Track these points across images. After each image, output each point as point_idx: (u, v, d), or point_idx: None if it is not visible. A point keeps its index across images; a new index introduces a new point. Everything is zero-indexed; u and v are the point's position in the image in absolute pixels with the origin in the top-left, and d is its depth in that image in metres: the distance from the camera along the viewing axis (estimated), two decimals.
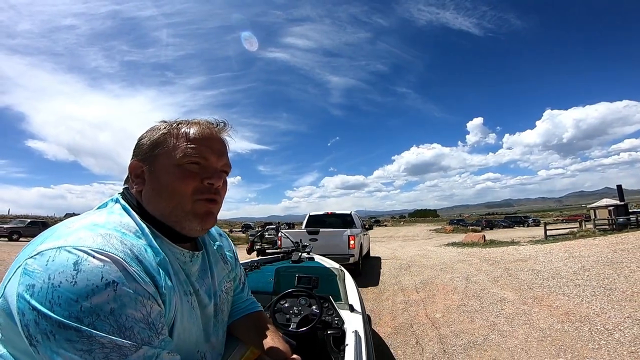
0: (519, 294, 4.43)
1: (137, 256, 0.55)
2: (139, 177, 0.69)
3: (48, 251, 0.50)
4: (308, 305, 1.42)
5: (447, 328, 3.40)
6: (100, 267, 0.49)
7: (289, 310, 1.39)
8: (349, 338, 1.26)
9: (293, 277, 1.59)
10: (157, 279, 0.57)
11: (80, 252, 0.49)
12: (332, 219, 8.05)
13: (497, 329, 3.28)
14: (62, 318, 0.45)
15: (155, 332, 0.52)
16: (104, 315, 0.47)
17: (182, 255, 0.69)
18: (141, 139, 0.71)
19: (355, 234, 6.39)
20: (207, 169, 0.68)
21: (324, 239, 6.35)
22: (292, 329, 1.29)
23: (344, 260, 5.76)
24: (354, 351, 1.15)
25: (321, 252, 3.69)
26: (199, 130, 0.70)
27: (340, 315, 1.45)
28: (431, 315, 3.85)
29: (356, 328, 1.34)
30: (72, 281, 0.47)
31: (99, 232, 0.55)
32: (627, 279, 4.53)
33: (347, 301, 1.67)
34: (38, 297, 0.46)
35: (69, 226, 0.57)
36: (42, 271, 0.48)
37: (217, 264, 0.82)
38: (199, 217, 0.66)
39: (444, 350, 2.89)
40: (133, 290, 0.50)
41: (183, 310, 0.64)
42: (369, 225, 10.66)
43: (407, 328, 3.48)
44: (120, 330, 0.47)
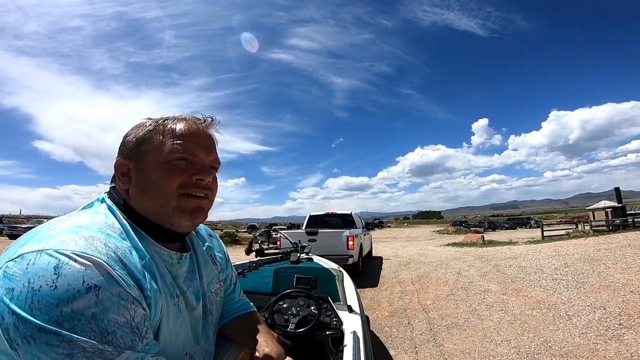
0: (501, 286, 5.03)
1: (121, 259, 0.54)
2: (125, 175, 0.67)
3: (28, 254, 0.49)
4: (307, 306, 1.42)
5: (435, 312, 4.03)
6: (82, 271, 0.48)
7: (288, 311, 1.40)
8: (348, 339, 1.27)
9: (292, 278, 1.61)
10: (142, 282, 0.56)
11: (62, 256, 0.48)
12: (332, 219, 8.05)
13: (477, 313, 3.90)
14: (42, 322, 0.44)
15: (139, 336, 0.51)
16: (85, 319, 0.46)
17: (169, 257, 0.68)
18: (127, 136, 0.69)
19: (354, 234, 6.37)
20: (195, 165, 0.67)
21: (323, 239, 6.30)
22: (291, 330, 1.30)
23: (342, 261, 5.71)
24: (353, 352, 1.16)
25: (320, 253, 3.77)
26: (186, 126, 0.68)
27: (339, 316, 1.45)
28: (423, 302, 4.49)
29: (355, 329, 1.35)
30: (52, 285, 0.46)
31: (82, 235, 0.53)
32: (599, 275, 5.10)
33: (346, 302, 1.69)
34: (17, 301, 0.45)
35: (51, 228, 0.55)
36: (21, 275, 0.47)
37: (206, 265, 0.81)
38: (187, 212, 0.65)
39: (430, 329, 3.51)
40: (116, 295, 0.50)
41: (169, 313, 0.63)
42: (376, 224, 10.94)
43: (402, 312, 4.12)
44: (102, 335, 0.47)
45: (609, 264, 5.75)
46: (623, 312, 3.47)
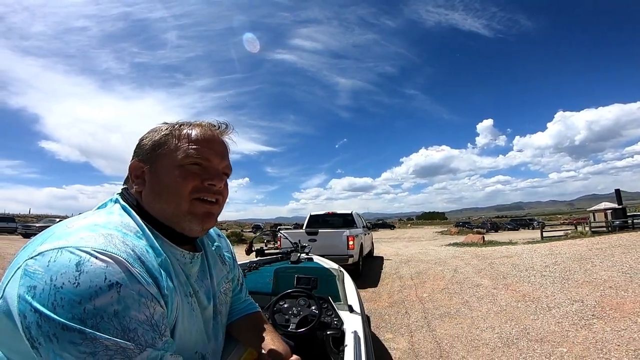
0: (493, 281, 5.46)
1: (139, 257, 0.55)
2: (139, 177, 0.68)
3: (49, 252, 0.49)
4: (307, 305, 1.42)
5: (430, 303, 4.48)
6: (103, 268, 0.48)
7: (288, 311, 1.40)
8: (348, 339, 1.27)
9: (292, 278, 1.61)
10: (159, 280, 0.56)
11: (83, 253, 0.48)
12: (333, 219, 8.04)
13: (468, 304, 4.33)
14: (65, 320, 0.44)
15: (158, 334, 0.51)
16: (108, 317, 0.46)
17: (182, 256, 0.68)
18: (142, 140, 0.70)
19: (354, 234, 6.38)
20: (208, 170, 0.68)
21: (323, 239, 6.29)
22: (292, 330, 1.30)
23: (343, 261, 5.73)
24: (353, 352, 1.16)
25: (320, 253, 3.80)
26: (201, 131, 0.70)
27: (340, 316, 1.45)
28: (420, 295, 4.95)
29: (355, 329, 1.35)
30: (74, 282, 0.46)
31: (101, 232, 0.54)
32: (584, 272, 5.50)
33: (346, 302, 1.69)
34: (40, 298, 0.45)
35: (69, 226, 0.55)
36: (43, 272, 0.47)
37: (215, 265, 0.82)
38: (198, 217, 0.66)
39: (425, 317, 3.96)
40: (136, 292, 0.50)
41: (184, 312, 0.64)
42: (388, 225, 11.01)
43: (400, 303, 4.58)
44: (124, 333, 0.47)
45: (596, 263, 6.15)
46: (598, 305, 3.88)
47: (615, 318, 3.43)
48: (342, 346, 1.24)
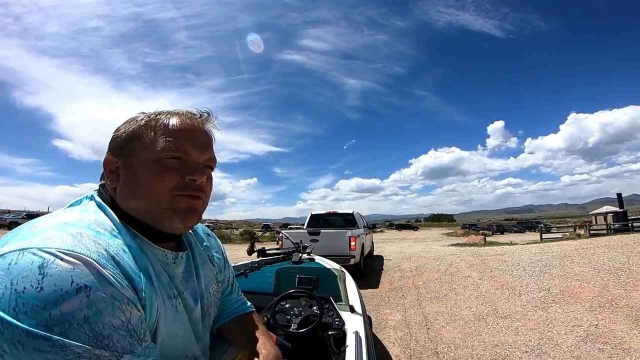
0: (481, 274, 6.33)
1: (113, 257, 0.51)
2: (114, 172, 0.63)
3: (10, 254, 0.45)
4: (309, 306, 1.42)
5: (423, 289, 5.41)
6: (69, 270, 0.44)
7: (290, 311, 1.40)
8: (350, 339, 1.27)
9: (294, 278, 1.60)
10: (137, 281, 0.52)
11: (47, 254, 0.45)
12: (334, 219, 8.09)
13: (455, 291, 5.23)
14: (29, 327, 0.41)
15: (137, 340, 0.48)
16: (77, 323, 0.43)
17: (164, 256, 0.64)
18: (117, 131, 0.65)
19: (356, 234, 6.42)
20: (188, 164, 0.63)
21: (325, 239, 6.31)
22: (293, 330, 1.30)
23: (344, 261, 5.78)
24: (355, 352, 1.16)
25: (322, 253, 3.83)
26: (180, 121, 0.64)
27: (341, 316, 1.45)
28: (416, 283, 5.90)
29: (357, 329, 1.35)
30: (37, 287, 0.42)
31: (69, 232, 0.50)
32: (562, 267, 6.33)
33: (348, 302, 1.69)
34: (1, 304, 0.42)
35: (35, 225, 0.51)
36: (3, 275, 0.43)
37: (204, 266, 0.78)
38: (180, 213, 0.61)
39: (418, 299, 4.88)
40: (109, 295, 0.46)
41: (167, 315, 0.60)
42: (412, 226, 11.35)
43: (398, 289, 5.52)
44: (97, 339, 0.44)
45: (575, 260, 6.95)
46: (560, 293, 4.73)
47: (569, 303, 4.29)
48: (344, 346, 1.25)
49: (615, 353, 2.81)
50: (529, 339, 3.25)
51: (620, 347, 2.91)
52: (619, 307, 3.96)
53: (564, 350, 2.95)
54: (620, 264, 6.22)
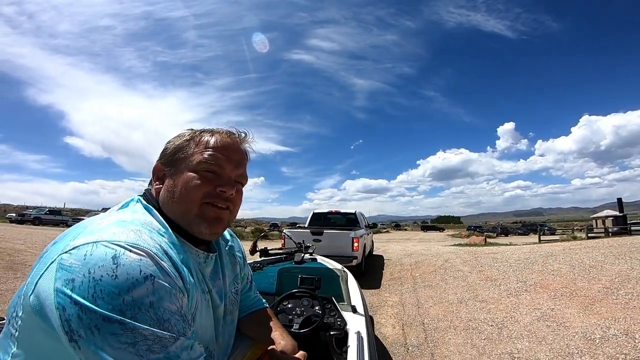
0: (471, 268, 7.23)
1: (165, 252, 0.58)
2: (160, 179, 0.72)
3: (84, 246, 0.51)
4: (311, 306, 1.43)
5: (419, 279, 6.37)
6: (137, 261, 0.51)
7: (292, 311, 1.41)
8: (352, 339, 1.28)
9: (296, 278, 1.62)
10: (183, 274, 0.59)
11: (117, 247, 0.51)
12: (336, 218, 8.20)
13: (445, 281, 6.17)
14: (106, 311, 0.46)
15: (188, 324, 0.54)
16: (145, 308, 0.48)
17: (197, 255, 0.71)
18: (167, 144, 0.75)
19: (359, 235, 6.57)
20: (221, 177, 0.71)
21: (328, 239, 6.41)
22: (295, 330, 1.30)
23: (347, 261, 5.86)
24: (356, 352, 1.17)
25: (324, 253, 3.89)
26: (220, 138, 0.73)
27: (343, 317, 1.46)
28: (413, 274, 6.87)
29: (359, 329, 1.36)
30: (112, 275, 0.48)
31: (130, 228, 0.57)
32: (543, 264, 7.17)
33: (350, 302, 1.70)
34: (80, 291, 0.47)
35: (99, 222, 0.58)
36: (80, 265, 0.48)
37: (228, 266, 0.85)
38: (207, 221, 0.69)
39: (413, 286, 5.85)
40: (168, 284, 0.53)
41: (202, 307, 0.67)
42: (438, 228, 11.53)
43: (398, 279, 6.51)
44: (160, 322, 0.49)
45: (558, 258, 7.78)
46: (534, 284, 5.61)
47: (538, 292, 5.17)
48: (345, 347, 1.26)
49: (557, 328, 3.69)
50: (496, 317, 4.17)
51: (563, 325, 3.80)
52: (577, 296, 4.83)
53: (521, 325, 3.86)
54: (595, 262, 7.04)
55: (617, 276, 5.54)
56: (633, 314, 3.82)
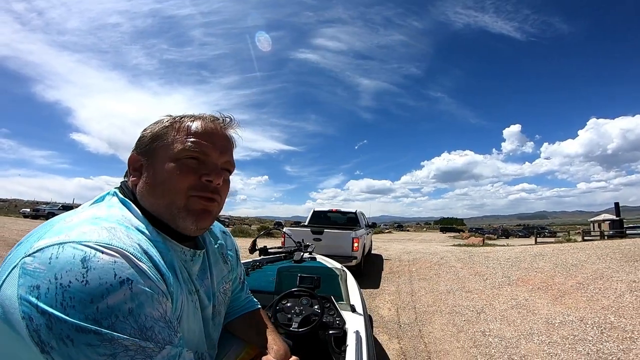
0: (464, 265, 7.95)
1: (145, 251, 0.53)
2: (137, 170, 0.66)
3: (49, 248, 0.45)
4: (310, 305, 1.42)
5: (415, 273, 7.13)
6: (111, 263, 0.45)
7: (291, 310, 1.40)
8: (350, 339, 1.28)
9: (295, 277, 1.61)
10: (166, 275, 0.54)
11: (87, 248, 0.46)
12: (336, 216, 8.23)
13: (439, 275, 6.91)
14: (79, 321, 0.41)
15: (174, 331, 0.50)
16: (123, 316, 0.44)
17: (182, 253, 0.66)
18: (144, 132, 0.68)
19: (359, 235, 6.60)
20: (206, 165, 0.65)
21: (328, 239, 6.39)
22: (294, 329, 1.30)
23: (346, 261, 5.83)
24: (355, 352, 1.17)
25: (324, 252, 3.89)
26: (202, 124, 0.67)
27: (342, 316, 1.47)
28: (410, 269, 7.63)
29: (357, 329, 1.37)
30: (82, 280, 0.43)
31: (103, 226, 0.51)
32: (530, 263, 7.85)
33: (349, 302, 1.70)
34: (46, 299, 0.42)
35: (67, 220, 0.53)
36: (45, 270, 0.43)
37: (216, 264, 0.80)
38: (193, 214, 0.63)
39: (409, 279, 6.61)
40: (148, 288, 0.48)
41: (189, 310, 0.63)
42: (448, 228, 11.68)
43: (396, 272, 7.28)
44: (142, 331, 0.45)
45: (545, 258, 8.45)
46: (517, 279, 6.31)
47: (519, 286, 5.88)
48: (344, 346, 1.26)
49: (526, 314, 4.38)
50: (477, 304, 4.89)
51: (532, 312, 4.48)
52: (552, 290, 5.53)
53: (496, 311, 4.58)
54: (577, 261, 7.70)
55: (592, 274, 6.22)
56: (593, 305, 4.52)
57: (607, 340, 3.40)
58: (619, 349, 3.17)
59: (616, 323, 3.82)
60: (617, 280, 5.60)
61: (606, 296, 4.86)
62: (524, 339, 3.59)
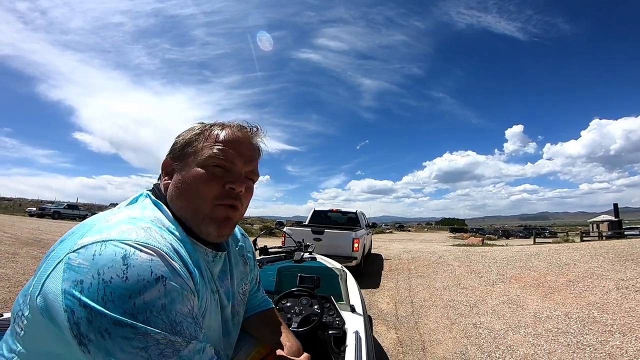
0: (461, 263, 8.25)
1: (176, 251, 0.56)
2: (169, 174, 0.70)
3: (93, 245, 0.49)
4: (309, 305, 1.43)
5: (414, 271, 7.44)
6: (148, 261, 0.49)
7: (291, 310, 1.41)
8: (350, 339, 1.29)
9: (295, 277, 1.62)
10: (194, 274, 0.57)
11: (127, 246, 0.49)
12: (336, 216, 8.31)
13: (436, 272, 7.22)
14: (117, 315, 0.44)
15: (199, 327, 0.53)
16: (157, 311, 0.47)
17: (205, 254, 0.68)
18: (177, 138, 0.72)
19: (360, 235, 6.65)
20: (231, 173, 0.68)
21: (328, 239, 6.43)
22: (293, 329, 1.30)
23: (346, 262, 5.90)
24: (355, 352, 1.18)
25: (324, 252, 3.92)
26: (229, 132, 0.69)
27: (342, 316, 1.47)
28: (409, 267, 7.96)
29: (357, 329, 1.37)
30: (123, 276, 0.46)
31: (140, 226, 0.55)
32: (525, 262, 8.13)
33: (349, 302, 1.71)
34: (89, 293, 0.45)
35: (107, 219, 0.56)
36: (89, 266, 0.46)
37: (237, 266, 0.83)
38: (216, 222, 0.66)
39: (408, 276, 6.92)
40: (179, 285, 0.51)
41: (211, 308, 0.66)
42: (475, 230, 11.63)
43: (395, 269, 7.60)
44: (172, 326, 0.47)
45: (540, 257, 8.72)
46: (510, 277, 6.60)
47: (512, 283, 6.17)
48: (344, 346, 1.27)
49: (516, 309, 4.67)
50: (471, 299, 5.19)
51: (521, 307, 4.77)
52: (543, 287, 5.81)
53: (488, 306, 4.87)
54: (571, 261, 7.98)
55: (584, 272, 6.51)
56: (580, 301, 4.81)
57: (587, 333, 3.68)
58: (597, 341, 3.46)
59: (599, 318, 4.10)
60: (606, 278, 5.89)
61: (593, 293, 5.15)
62: (511, 330, 3.88)
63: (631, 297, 4.81)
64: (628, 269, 6.36)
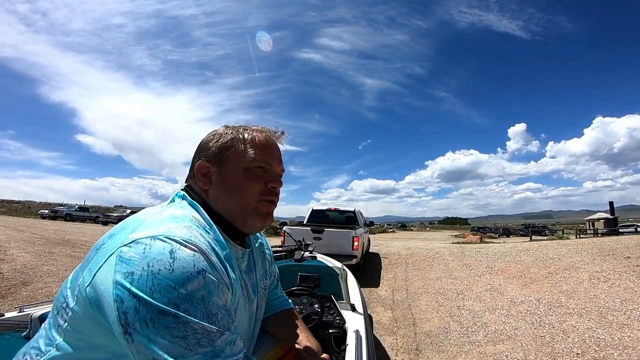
0: (455, 258, 8.99)
1: (213, 248, 0.60)
2: (206, 176, 0.74)
3: (143, 239, 0.53)
4: (310, 304, 1.45)
5: (411, 265, 8.23)
6: (191, 256, 0.53)
7: None
8: (350, 338, 1.29)
9: (295, 276, 1.62)
10: (228, 269, 0.62)
11: (173, 242, 0.53)
12: (335, 215, 8.46)
13: (431, 266, 7.98)
14: (162, 304, 0.48)
15: (231, 319, 0.56)
16: (197, 301, 0.50)
17: (236, 251, 0.74)
18: (208, 142, 0.77)
19: (359, 234, 6.74)
20: (270, 173, 0.76)
21: (328, 238, 6.52)
22: None
23: (346, 260, 6.01)
24: (355, 351, 1.18)
25: (324, 251, 3.96)
26: (264, 137, 0.77)
27: (342, 315, 1.47)
28: (407, 261, 8.76)
29: (357, 328, 1.37)
30: (169, 269, 0.50)
31: (183, 224, 0.59)
32: (515, 256, 8.81)
33: (349, 301, 1.72)
34: (139, 284, 0.49)
35: (154, 217, 0.61)
36: (139, 259, 0.51)
37: (258, 262, 0.88)
38: (261, 215, 0.75)
39: (405, 269, 7.70)
40: (216, 279, 0.55)
41: (241, 303, 0.70)
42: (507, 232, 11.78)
43: (394, 264, 8.40)
44: (209, 317, 0.51)
45: (529, 253, 9.39)
46: (498, 270, 7.31)
47: (497, 274, 6.89)
48: (344, 345, 1.27)
49: (496, 296, 5.36)
50: (459, 287, 5.94)
51: (501, 294, 5.46)
52: (524, 278, 6.52)
53: (473, 293, 5.60)
54: (557, 255, 8.65)
55: (564, 265, 7.20)
56: (553, 290, 5.52)
57: (551, 314, 4.38)
58: (557, 321, 4.16)
59: (564, 303, 4.81)
60: (583, 270, 6.58)
61: (567, 283, 5.85)
62: (488, 312, 4.62)
63: (599, 286, 5.50)
64: (605, 263, 7.03)
